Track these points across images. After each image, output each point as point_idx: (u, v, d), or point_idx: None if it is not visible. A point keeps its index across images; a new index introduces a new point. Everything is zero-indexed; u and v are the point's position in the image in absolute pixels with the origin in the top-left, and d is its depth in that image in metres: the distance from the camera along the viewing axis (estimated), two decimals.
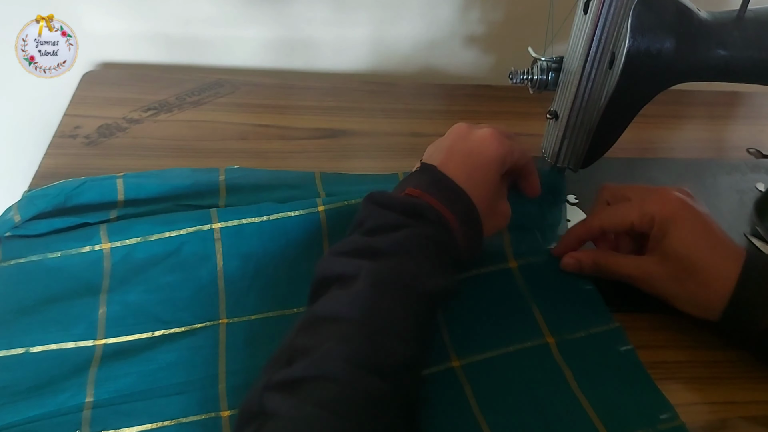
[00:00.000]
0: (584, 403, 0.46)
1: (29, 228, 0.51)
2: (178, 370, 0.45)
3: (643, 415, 0.45)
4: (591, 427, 0.44)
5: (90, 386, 0.43)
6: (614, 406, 0.46)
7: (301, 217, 0.53)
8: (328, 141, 0.69)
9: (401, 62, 0.82)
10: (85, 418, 0.42)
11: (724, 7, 0.51)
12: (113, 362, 0.45)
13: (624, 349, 0.49)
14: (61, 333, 0.46)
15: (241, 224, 0.52)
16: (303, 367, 0.36)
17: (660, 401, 0.46)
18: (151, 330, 0.47)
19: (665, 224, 0.49)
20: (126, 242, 0.51)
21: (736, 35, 0.50)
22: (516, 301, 0.52)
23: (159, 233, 0.51)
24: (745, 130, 0.76)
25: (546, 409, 0.45)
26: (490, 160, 0.48)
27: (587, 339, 0.50)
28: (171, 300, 0.49)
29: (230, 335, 0.48)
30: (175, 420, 0.42)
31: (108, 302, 0.48)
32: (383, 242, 0.42)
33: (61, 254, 0.50)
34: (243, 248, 0.51)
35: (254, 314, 0.49)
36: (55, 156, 0.63)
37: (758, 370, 0.50)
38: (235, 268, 0.51)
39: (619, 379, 0.47)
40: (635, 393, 0.47)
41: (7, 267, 0.49)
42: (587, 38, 0.49)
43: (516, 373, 0.47)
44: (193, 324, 0.48)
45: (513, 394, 0.46)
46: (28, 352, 0.45)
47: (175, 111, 0.70)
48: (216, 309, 0.49)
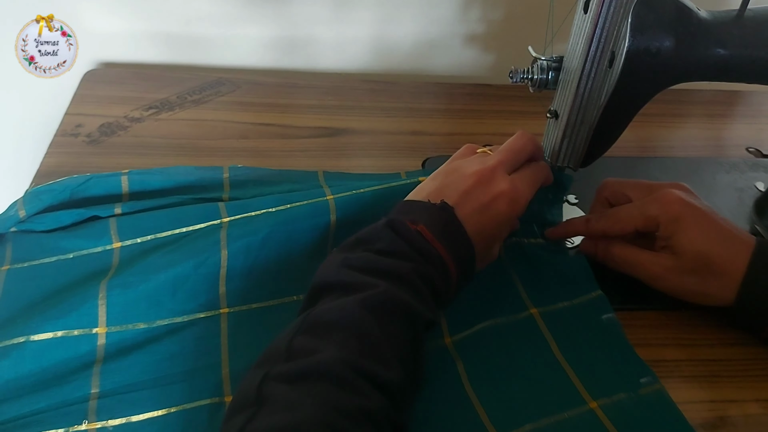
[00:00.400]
0: (567, 370, 0.47)
1: (35, 223, 0.52)
2: (181, 359, 0.46)
3: (624, 380, 0.47)
4: (574, 393, 0.46)
5: (95, 378, 0.44)
6: (596, 371, 0.47)
7: (309, 206, 0.53)
8: (328, 140, 0.69)
9: (402, 61, 0.82)
10: (91, 407, 0.42)
11: (724, 6, 0.51)
12: (117, 355, 0.45)
13: (606, 317, 0.51)
14: (62, 321, 0.46)
15: (250, 217, 0.52)
16: (305, 365, 0.36)
17: (639, 366, 0.48)
18: (153, 319, 0.47)
19: (671, 225, 0.50)
20: (137, 240, 0.51)
21: (736, 34, 0.50)
22: (501, 277, 0.54)
23: (170, 230, 0.51)
24: (744, 129, 0.76)
25: (531, 378, 0.47)
26: (501, 220, 0.49)
27: (570, 309, 0.52)
28: (173, 289, 0.49)
29: (231, 324, 0.48)
30: (180, 406, 0.43)
31: (108, 289, 0.47)
32: (393, 267, 0.42)
33: (73, 255, 0.50)
34: (247, 238, 0.51)
35: (255, 303, 0.50)
36: (56, 155, 0.63)
37: (758, 369, 0.50)
38: (236, 258, 0.51)
39: (601, 346, 0.49)
40: (616, 359, 0.48)
41: (21, 269, 0.49)
42: (587, 37, 0.49)
43: (502, 345, 0.49)
44: (195, 314, 0.48)
45: (500, 366, 0.47)
46: (29, 341, 0.44)
47: (177, 110, 0.70)
48: (217, 299, 0.49)
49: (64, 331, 0.45)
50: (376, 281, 0.41)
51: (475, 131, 0.72)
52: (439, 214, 0.46)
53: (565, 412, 0.45)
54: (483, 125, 0.73)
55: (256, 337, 0.47)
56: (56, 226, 0.52)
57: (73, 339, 0.45)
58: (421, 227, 0.45)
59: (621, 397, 0.46)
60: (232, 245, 0.50)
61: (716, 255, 0.49)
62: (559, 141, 0.55)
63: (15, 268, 0.50)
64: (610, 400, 0.45)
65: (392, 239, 0.44)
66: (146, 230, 0.51)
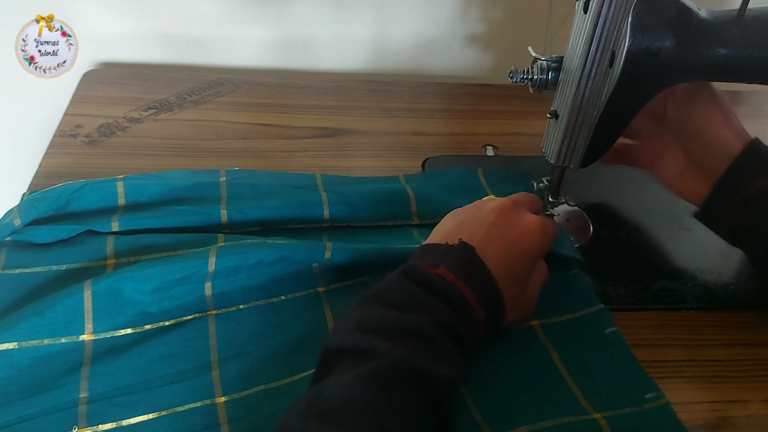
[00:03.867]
0: (570, 384, 0.46)
1: (29, 233, 0.51)
2: (170, 361, 0.45)
3: (629, 395, 0.46)
4: (574, 402, 0.45)
5: (84, 382, 0.43)
6: (600, 386, 0.46)
7: (306, 244, 0.52)
8: (328, 140, 0.69)
9: (402, 61, 0.82)
10: (81, 413, 0.42)
11: (724, 6, 0.51)
12: (105, 358, 0.45)
13: (609, 330, 0.50)
14: (49, 327, 0.45)
15: (245, 244, 0.51)
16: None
17: (645, 381, 0.47)
18: (141, 324, 0.47)
19: (685, 100, 0.53)
20: (131, 259, 0.51)
21: (736, 34, 0.50)
22: None
23: (166, 252, 0.51)
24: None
25: (533, 389, 0.46)
26: (531, 252, 0.47)
27: (572, 322, 0.51)
28: (158, 293, 0.48)
29: (220, 325, 0.48)
30: (171, 409, 0.43)
31: (94, 294, 0.47)
32: (408, 324, 0.39)
33: (66, 268, 0.50)
34: (236, 253, 0.50)
35: (242, 304, 0.49)
36: (55, 155, 0.63)
37: (759, 369, 0.50)
38: (224, 265, 0.50)
39: (605, 360, 0.48)
40: (621, 373, 0.47)
41: (12, 275, 0.49)
42: (587, 37, 0.49)
43: (502, 353, 0.48)
44: (182, 317, 0.48)
45: (499, 373, 0.47)
46: (17, 348, 0.44)
47: (176, 110, 0.70)
48: (203, 301, 0.49)
49: (50, 339, 0.45)
50: (388, 347, 0.38)
51: (475, 131, 0.72)
52: (459, 254, 0.44)
53: (565, 417, 0.44)
54: (483, 125, 0.73)
55: (246, 337, 0.47)
56: (51, 240, 0.51)
57: (61, 348, 0.45)
58: (441, 270, 0.42)
59: (625, 411, 0.45)
60: (221, 259, 0.50)
61: (714, 134, 0.52)
62: (559, 141, 0.55)
63: (6, 274, 0.49)
64: (614, 413, 0.44)
65: (409, 289, 0.41)
66: (141, 251, 0.51)
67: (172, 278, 0.48)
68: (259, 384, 0.45)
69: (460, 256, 0.44)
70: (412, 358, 0.37)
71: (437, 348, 0.39)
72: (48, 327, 0.45)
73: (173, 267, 0.48)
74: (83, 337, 0.46)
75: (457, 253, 0.44)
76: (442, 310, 0.41)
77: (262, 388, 0.44)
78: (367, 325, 0.39)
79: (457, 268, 0.43)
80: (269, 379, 0.45)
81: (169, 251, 0.51)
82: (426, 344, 0.39)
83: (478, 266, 0.44)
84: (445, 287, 0.42)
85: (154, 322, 0.47)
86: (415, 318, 0.40)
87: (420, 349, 0.38)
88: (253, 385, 0.44)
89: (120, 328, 0.47)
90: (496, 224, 0.46)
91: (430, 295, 0.41)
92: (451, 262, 0.43)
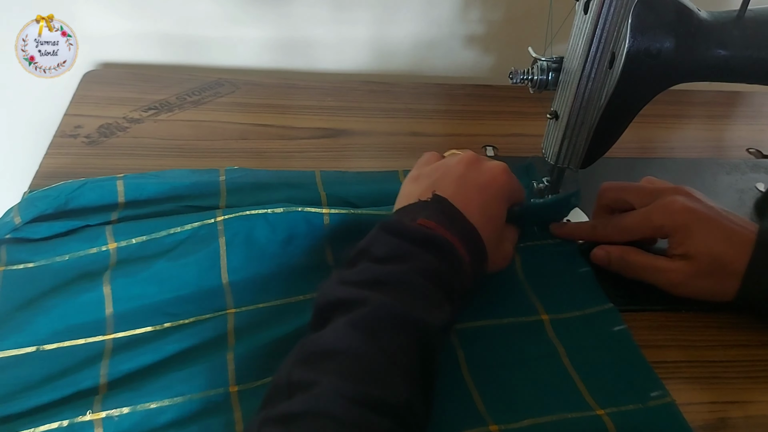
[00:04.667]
0: (576, 379, 0.47)
1: (29, 231, 0.52)
2: (187, 356, 0.46)
3: (634, 392, 0.46)
4: (579, 398, 0.45)
5: (103, 374, 0.44)
6: (605, 382, 0.47)
7: (305, 213, 0.53)
8: (328, 141, 0.69)
9: (401, 62, 0.82)
10: (97, 400, 0.42)
11: (724, 6, 0.51)
12: (123, 353, 0.46)
13: (617, 329, 0.50)
14: (70, 331, 0.46)
15: (245, 215, 0.52)
16: (302, 402, 0.34)
17: (651, 379, 0.47)
18: (160, 323, 0.48)
19: (680, 233, 0.51)
20: (132, 241, 0.51)
21: (736, 35, 0.50)
22: (511, 283, 0.53)
23: (165, 230, 0.51)
24: (744, 130, 0.76)
25: (534, 375, 0.46)
26: (501, 193, 0.48)
27: (581, 318, 0.51)
28: (176, 293, 0.49)
29: (239, 322, 0.48)
30: (186, 396, 0.43)
31: (114, 298, 0.48)
32: (391, 273, 0.40)
33: (69, 257, 0.50)
34: (246, 241, 0.51)
35: (261, 303, 0.50)
36: (55, 156, 0.63)
37: (758, 370, 0.50)
38: (238, 259, 0.51)
39: (612, 357, 0.49)
40: (627, 371, 0.48)
41: (15, 270, 0.50)
42: (587, 38, 0.49)
43: (509, 346, 0.48)
44: (201, 315, 0.49)
45: (506, 366, 0.47)
46: (39, 351, 0.45)
47: (176, 111, 0.70)
48: (223, 300, 0.50)
49: (74, 340, 0.46)
50: (372, 295, 0.39)
51: (474, 132, 0.72)
52: (435, 205, 0.45)
53: (568, 413, 0.44)
54: (483, 126, 0.73)
55: (264, 333, 0.47)
56: (50, 235, 0.52)
57: (81, 346, 0.46)
58: (421, 220, 0.43)
59: (629, 408, 0.45)
60: (232, 249, 0.51)
61: (727, 254, 0.49)
62: (559, 142, 0.55)
63: (10, 270, 0.50)
64: (617, 410, 0.45)
65: (389, 242, 0.42)
66: (141, 232, 0.51)
67: (188, 292, 0.49)
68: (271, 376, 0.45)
69: (436, 207, 0.45)
70: (395, 304, 0.38)
71: (421, 294, 0.40)
72: (69, 329, 0.46)
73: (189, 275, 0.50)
74: (103, 338, 0.47)
75: (433, 205, 0.45)
76: (424, 257, 0.42)
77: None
78: (349, 278, 0.41)
79: (437, 216, 0.44)
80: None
81: (168, 230, 0.51)
82: (410, 291, 0.40)
83: (456, 214, 0.45)
84: (429, 234, 0.42)
85: (173, 320, 0.48)
86: (395, 268, 0.41)
87: (404, 296, 0.39)
88: (266, 376, 0.45)
89: (139, 327, 0.47)
90: (466, 175, 0.47)
91: (411, 245, 0.42)
92: (429, 213, 0.44)
